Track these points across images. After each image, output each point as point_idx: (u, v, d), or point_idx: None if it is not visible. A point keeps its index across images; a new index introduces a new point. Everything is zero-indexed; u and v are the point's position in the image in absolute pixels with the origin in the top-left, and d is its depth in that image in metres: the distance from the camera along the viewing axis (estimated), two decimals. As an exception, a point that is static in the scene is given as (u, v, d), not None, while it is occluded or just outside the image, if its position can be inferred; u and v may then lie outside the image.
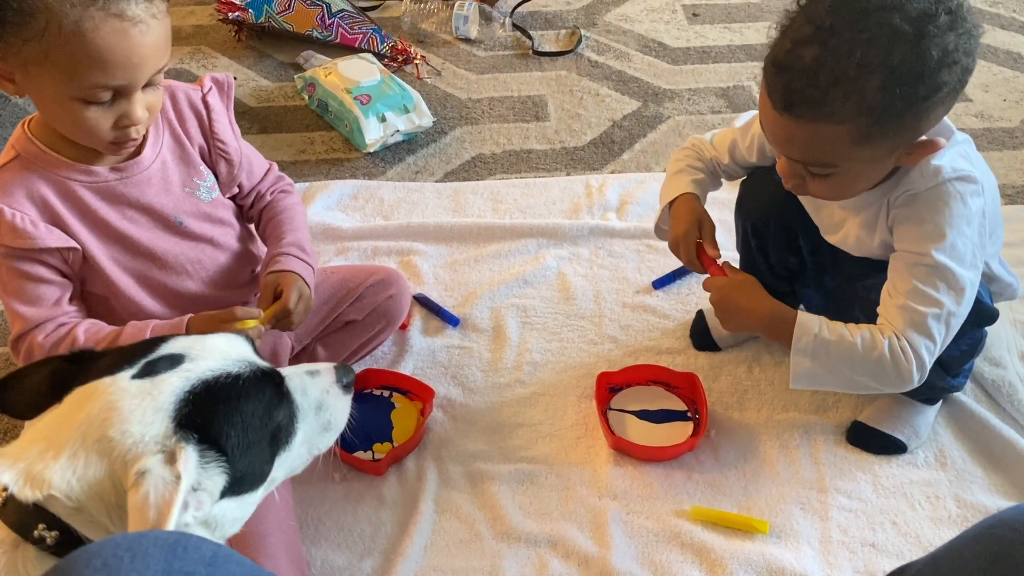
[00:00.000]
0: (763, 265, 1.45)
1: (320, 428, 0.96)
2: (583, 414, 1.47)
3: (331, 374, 0.98)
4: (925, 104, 1.01)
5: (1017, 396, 1.46)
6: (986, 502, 1.34)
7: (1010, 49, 2.48)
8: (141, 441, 0.77)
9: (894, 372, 1.13)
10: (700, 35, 2.56)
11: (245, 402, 0.84)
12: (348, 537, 1.30)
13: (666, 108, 2.24)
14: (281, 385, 0.90)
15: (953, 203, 1.10)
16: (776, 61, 1.04)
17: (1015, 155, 2.07)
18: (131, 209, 1.20)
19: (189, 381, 0.81)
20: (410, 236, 1.82)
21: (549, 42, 2.53)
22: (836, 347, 1.15)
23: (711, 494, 1.36)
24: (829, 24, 0.99)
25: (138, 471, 0.75)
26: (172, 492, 0.74)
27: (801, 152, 1.09)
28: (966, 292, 1.12)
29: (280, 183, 1.38)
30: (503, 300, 1.67)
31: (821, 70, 0.99)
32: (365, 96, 2.07)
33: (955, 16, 0.98)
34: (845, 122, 1.01)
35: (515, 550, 1.28)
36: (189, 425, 0.79)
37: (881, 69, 0.98)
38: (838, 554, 1.28)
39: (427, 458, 1.40)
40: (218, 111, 1.26)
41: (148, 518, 0.73)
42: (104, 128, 1.07)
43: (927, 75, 0.98)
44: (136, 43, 1.02)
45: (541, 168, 2.05)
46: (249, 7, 2.44)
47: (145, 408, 0.78)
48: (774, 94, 1.05)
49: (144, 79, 1.06)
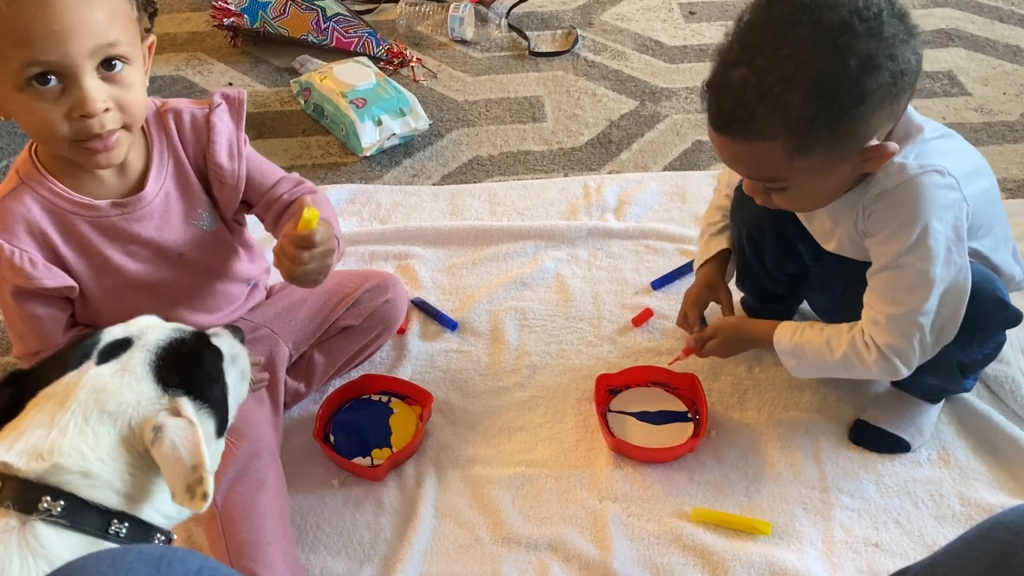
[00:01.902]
0: (759, 270, 1.45)
1: (238, 377, 1.03)
2: (583, 416, 1.46)
3: (228, 333, 1.06)
4: (856, 111, 1.02)
5: (1020, 392, 1.44)
6: (990, 499, 1.33)
7: (1009, 42, 2.47)
8: (140, 406, 0.86)
9: (862, 365, 1.22)
10: (697, 33, 2.55)
11: (203, 355, 0.96)
12: (347, 544, 1.29)
13: (664, 107, 2.23)
14: (210, 340, 1.00)
15: (920, 199, 1.10)
16: (710, 84, 1.09)
17: (1016, 149, 2.06)
18: (132, 244, 1.18)
19: (152, 352, 0.91)
20: (407, 240, 1.81)
21: (545, 42, 2.52)
22: (808, 348, 1.27)
23: (712, 495, 1.35)
24: (753, 44, 1.03)
25: (154, 427, 0.83)
26: (195, 433, 0.84)
27: (747, 170, 1.15)
28: (933, 288, 1.13)
29: (300, 187, 1.31)
30: (501, 303, 1.66)
31: (747, 89, 1.03)
32: (361, 100, 2.06)
33: (874, 23, 1.00)
34: (777, 137, 1.04)
35: (515, 554, 1.27)
36: (171, 384, 0.89)
37: (802, 82, 1.01)
38: (841, 554, 1.27)
39: (426, 463, 1.39)
40: (220, 131, 1.21)
41: (184, 461, 0.82)
42: (57, 120, 1.01)
43: (849, 83, 1.00)
44: (55, 10, 0.95)
45: (538, 169, 2.04)
46: (244, 13, 2.43)
47: (128, 381, 0.87)
48: (711, 116, 1.09)
49: (80, 54, 0.98)
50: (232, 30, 2.46)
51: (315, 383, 1.46)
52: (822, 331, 1.26)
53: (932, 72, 2.34)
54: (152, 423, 0.84)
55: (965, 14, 2.61)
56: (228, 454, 1.18)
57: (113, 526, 0.83)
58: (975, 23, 2.56)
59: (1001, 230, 1.27)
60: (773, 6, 1.04)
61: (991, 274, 1.22)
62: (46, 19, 0.96)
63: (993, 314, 1.20)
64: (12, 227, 1.09)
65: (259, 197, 1.28)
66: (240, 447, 1.19)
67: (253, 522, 1.16)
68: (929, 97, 2.24)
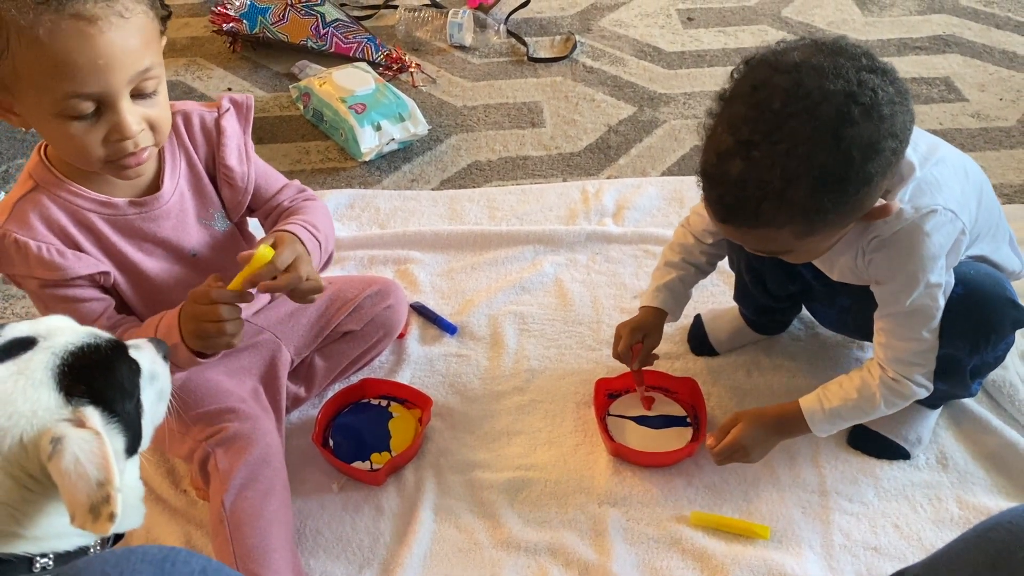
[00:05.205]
0: (759, 292, 1.45)
1: (156, 397, 0.93)
2: (582, 421, 1.47)
3: (151, 347, 0.96)
4: (861, 193, 1.00)
5: (1018, 397, 1.45)
6: (988, 503, 1.33)
7: (1005, 48, 2.48)
8: (35, 416, 0.75)
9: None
10: (695, 39, 2.55)
11: (116, 365, 0.84)
12: (347, 548, 1.29)
13: (662, 113, 2.23)
14: (128, 352, 0.89)
15: (920, 246, 1.10)
16: (705, 174, 1.05)
17: (1012, 154, 2.07)
18: (147, 243, 1.18)
19: (57, 355, 0.79)
20: (406, 245, 1.81)
21: (544, 48, 2.53)
22: (844, 409, 1.25)
23: (711, 499, 1.35)
24: (747, 136, 0.98)
25: (52, 439, 0.73)
26: (102, 446, 0.73)
27: (753, 247, 1.14)
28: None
29: (302, 195, 1.32)
30: (500, 307, 1.67)
31: (747, 185, 0.99)
32: (360, 105, 2.07)
33: (871, 106, 0.96)
34: (784, 226, 1.03)
35: (515, 559, 1.27)
36: (76, 392, 0.78)
37: (806, 178, 0.97)
38: (840, 558, 1.27)
39: (425, 467, 1.39)
40: (229, 135, 1.22)
41: (88, 476, 0.71)
42: (94, 145, 1.02)
43: (854, 173, 0.98)
44: (98, 44, 0.95)
45: (537, 174, 2.04)
46: (243, 18, 2.44)
47: (23, 387, 0.76)
48: (710, 206, 1.06)
49: (121, 84, 0.99)
50: (231, 35, 2.47)
51: (315, 387, 1.46)
52: (842, 386, 1.25)
53: (929, 78, 2.35)
54: (50, 435, 0.73)
55: (962, 20, 2.62)
56: (237, 460, 1.18)
57: (38, 562, 0.75)
58: (971, 29, 2.57)
59: (999, 229, 1.28)
60: (760, 91, 0.99)
61: (999, 275, 1.23)
62: (90, 52, 0.95)
63: (1006, 316, 1.21)
64: (32, 224, 1.09)
65: (262, 203, 1.29)
66: (251, 453, 1.19)
67: (261, 528, 1.16)
68: (926, 103, 2.25)
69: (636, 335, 1.40)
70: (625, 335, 1.40)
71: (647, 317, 1.41)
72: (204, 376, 1.27)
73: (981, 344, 1.22)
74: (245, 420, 1.23)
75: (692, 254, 1.41)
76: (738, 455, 1.31)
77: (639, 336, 1.40)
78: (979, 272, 1.21)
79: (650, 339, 1.40)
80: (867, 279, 1.19)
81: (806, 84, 0.96)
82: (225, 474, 1.18)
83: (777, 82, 0.98)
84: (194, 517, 1.32)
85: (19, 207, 1.10)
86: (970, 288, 1.18)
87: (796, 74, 0.97)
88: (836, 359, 1.54)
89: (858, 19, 2.65)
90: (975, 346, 1.22)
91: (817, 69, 0.97)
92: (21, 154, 2.11)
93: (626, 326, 1.41)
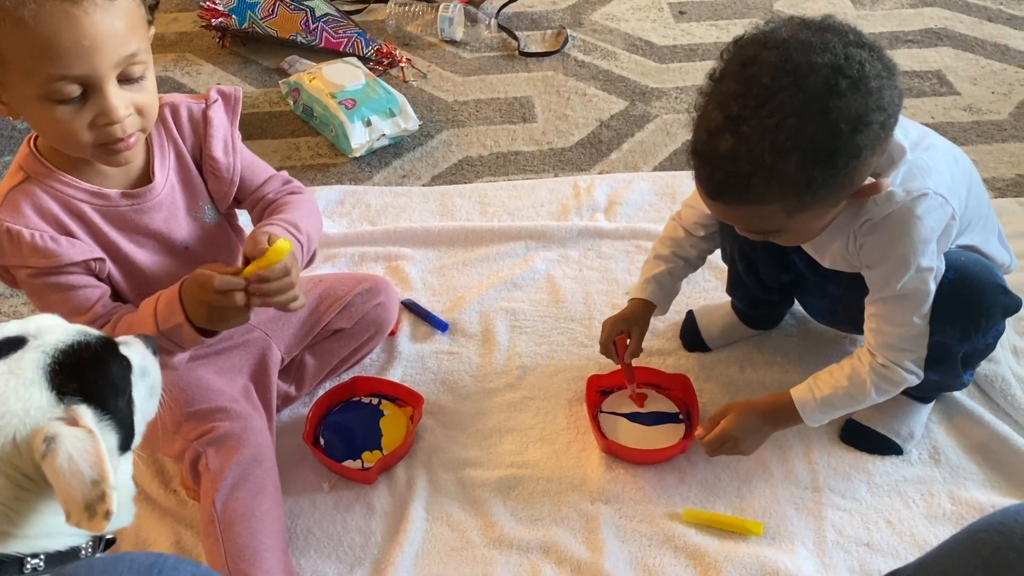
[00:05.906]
0: (752, 281, 1.44)
1: (147, 393, 0.93)
2: (574, 418, 1.46)
3: (140, 343, 0.96)
4: (851, 166, 1.01)
5: (1010, 391, 1.45)
6: (980, 498, 1.33)
7: (997, 42, 2.47)
8: (27, 415, 0.75)
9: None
10: (687, 33, 2.55)
11: (108, 363, 0.85)
12: (338, 547, 1.28)
13: (654, 107, 2.22)
14: (118, 348, 0.89)
15: (911, 229, 1.11)
16: (696, 152, 1.05)
17: (1004, 148, 2.07)
18: (139, 235, 1.17)
19: (48, 353, 0.79)
20: (397, 241, 1.80)
21: (535, 43, 2.51)
22: (835, 397, 1.25)
23: (704, 496, 1.35)
24: (736, 112, 0.99)
25: (46, 438, 0.73)
26: (96, 444, 0.73)
27: (743, 226, 1.14)
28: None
29: (288, 186, 1.31)
30: (492, 304, 1.66)
31: (738, 160, 1.00)
32: (350, 100, 2.05)
33: (858, 78, 0.97)
34: (774, 202, 1.03)
35: (507, 557, 1.27)
36: (68, 391, 0.78)
37: (795, 151, 0.98)
38: (833, 554, 1.27)
39: (417, 465, 1.39)
40: (216, 126, 1.21)
41: (83, 475, 0.71)
42: (81, 129, 1.02)
43: (842, 145, 0.98)
44: (83, 25, 0.95)
45: (529, 170, 2.03)
46: (232, 13, 2.42)
47: (14, 386, 0.76)
48: (701, 183, 1.07)
49: (107, 67, 0.99)
50: (220, 30, 2.45)
51: (306, 386, 1.46)
52: (833, 375, 1.26)
53: (921, 71, 2.35)
54: (43, 433, 0.74)
55: (954, 14, 2.62)
56: (228, 459, 1.18)
57: (29, 563, 0.75)
58: (963, 23, 2.57)
59: (988, 220, 1.28)
60: (749, 67, 1.00)
61: (988, 263, 1.24)
62: (74, 34, 0.95)
63: (996, 301, 1.21)
64: (25, 212, 1.08)
65: (247, 194, 1.28)
66: (242, 453, 1.19)
67: (252, 528, 1.15)
68: (918, 96, 2.25)
69: (620, 326, 1.40)
70: (608, 327, 1.40)
71: (634, 309, 1.41)
72: (195, 375, 1.26)
73: (971, 330, 1.22)
74: (236, 419, 1.22)
75: (682, 247, 1.40)
76: (729, 446, 1.31)
77: (623, 328, 1.40)
78: (969, 258, 1.21)
79: (637, 331, 1.40)
80: (859, 265, 1.19)
81: (794, 58, 0.97)
82: (216, 474, 1.17)
83: (765, 58, 0.99)
84: (184, 517, 1.31)
85: (10, 197, 1.09)
86: (960, 273, 1.18)
87: (784, 49, 0.99)
88: (828, 355, 1.53)
89: (850, 12, 2.64)
90: (965, 332, 1.22)
91: (805, 44, 0.98)
92: (8, 151, 2.09)
93: (612, 319, 1.42)
